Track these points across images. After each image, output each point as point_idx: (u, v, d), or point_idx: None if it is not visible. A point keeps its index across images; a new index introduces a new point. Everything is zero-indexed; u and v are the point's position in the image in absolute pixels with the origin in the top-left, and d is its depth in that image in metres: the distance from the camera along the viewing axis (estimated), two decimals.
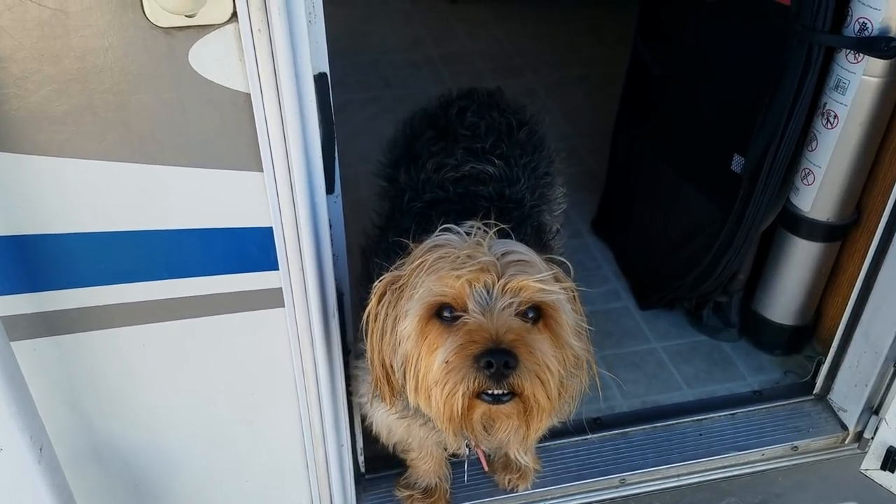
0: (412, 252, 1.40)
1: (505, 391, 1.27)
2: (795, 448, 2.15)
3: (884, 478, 2.07)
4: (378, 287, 1.41)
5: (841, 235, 2.22)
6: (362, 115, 3.47)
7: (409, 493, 1.97)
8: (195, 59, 1.19)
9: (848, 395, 2.18)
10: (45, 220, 1.29)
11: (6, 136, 1.20)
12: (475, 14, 4.35)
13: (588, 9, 4.29)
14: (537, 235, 1.76)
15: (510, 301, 1.29)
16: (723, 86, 2.19)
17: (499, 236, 1.39)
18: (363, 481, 2.03)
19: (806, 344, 2.46)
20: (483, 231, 1.37)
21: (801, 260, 2.26)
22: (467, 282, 1.28)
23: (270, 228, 1.38)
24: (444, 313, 1.31)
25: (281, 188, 1.33)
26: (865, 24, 1.85)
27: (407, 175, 1.84)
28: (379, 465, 2.04)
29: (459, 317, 1.29)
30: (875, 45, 1.84)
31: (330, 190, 1.42)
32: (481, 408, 1.31)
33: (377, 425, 1.74)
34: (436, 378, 1.28)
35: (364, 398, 1.67)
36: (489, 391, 1.27)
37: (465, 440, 1.52)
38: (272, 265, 1.43)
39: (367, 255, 1.82)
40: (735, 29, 2.12)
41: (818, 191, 2.11)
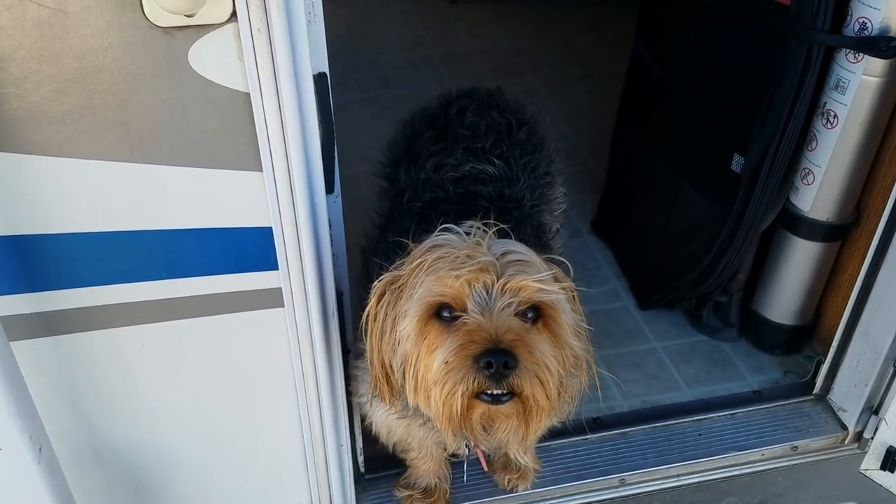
0: (411, 252, 1.40)
1: (504, 391, 1.27)
2: (795, 448, 2.15)
3: (883, 478, 2.07)
4: (377, 287, 1.41)
5: (841, 235, 2.22)
6: (362, 114, 3.47)
7: (408, 493, 1.97)
8: (194, 59, 1.20)
9: (848, 395, 2.18)
10: (45, 219, 1.29)
11: (5, 136, 1.20)
12: (475, 14, 4.35)
13: (588, 8, 4.29)
14: (537, 235, 1.76)
15: (509, 301, 1.28)
16: (723, 86, 2.19)
17: (498, 236, 1.39)
18: (363, 481, 2.03)
19: (806, 344, 2.46)
20: (482, 231, 1.37)
21: (800, 260, 2.26)
22: (466, 282, 1.28)
23: (270, 228, 1.38)
24: (444, 313, 1.31)
25: (280, 188, 1.33)
26: (865, 24, 1.85)
27: (407, 175, 1.84)
28: (378, 465, 2.04)
29: (459, 317, 1.29)
30: (875, 44, 1.84)
31: (329, 190, 1.42)
32: (481, 408, 1.31)
33: (377, 425, 1.74)
34: (435, 378, 1.28)
35: (364, 398, 1.67)
36: (488, 391, 1.27)
37: (465, 440, 1.52)
38: (271, 265, 1.42)
39: (366, 255, 1.82)
40: (735, 29, 2.12)
41: (818, 190, 2.11)
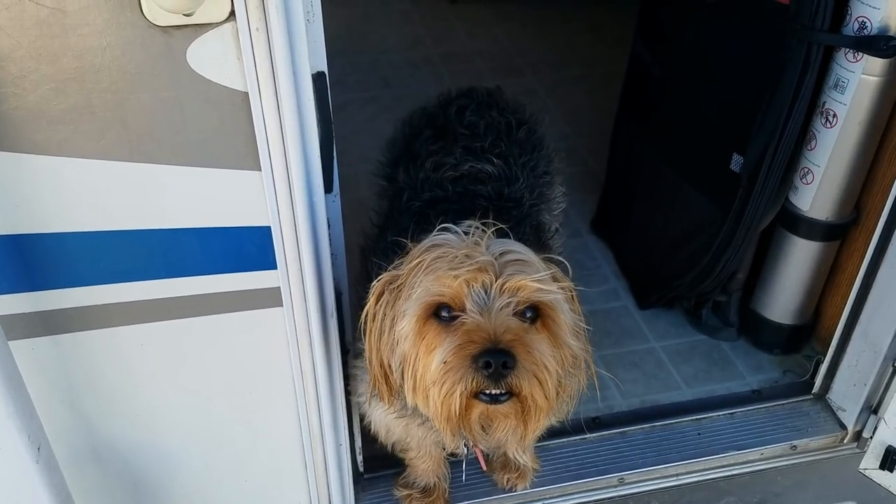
0: (410, 251, 1.40)
1: (503, 391, 1.27)
2: (794, 447, 2.15)
3: (882, 477, 2.07)
4: (376, 286, 1.40)
5: (840, 234, 2.22)
6: (362, 114, 3.47)
7: (407, 492, 1.97)
8: (193, 58, 1.19)
9: (847, 395, 2.18)
10: (44, 219, 1.29)
11: (4, 136, 1.20)
12: (475, 14, 4.35)
13: (588, 8, 4.29)
14: (536, 235, 1.75)
15: (508, 301, 1.28)
16: (722, 85, 2.19)
17: (497, 235, 1.39)
18: (362, 480, 2.03)
19: (805, 343, 2.46)
20: (481, 230, 1.37)
21: (800, 259, 2.26)
22: (465, 281, 1.28)
23: (269, 228, 1.38)
24: (442, 313, 1.31)
25: (279, 187, 1.33)
26: (864, 23, 1.85)
27: (406, 174, 1.84)
28: (377, 465, 2.04)
29: (457, 317, 1.29)
30: (874, 43, 1.84)
31: (328, 189, 1.42)
32: (479, 408, 1.31)
33: (375, 425, 1.74)
34: (434, 378, 1.28)
35: (362, 397, 1.67)
36: (487, 391, 1.27)
37: (464, 440, 1.52)
38: (270, 264, 1.42)
39: (365, 255, 1.82)
40: (734, 29, 2.12)
41: (817, 190, 2.11)
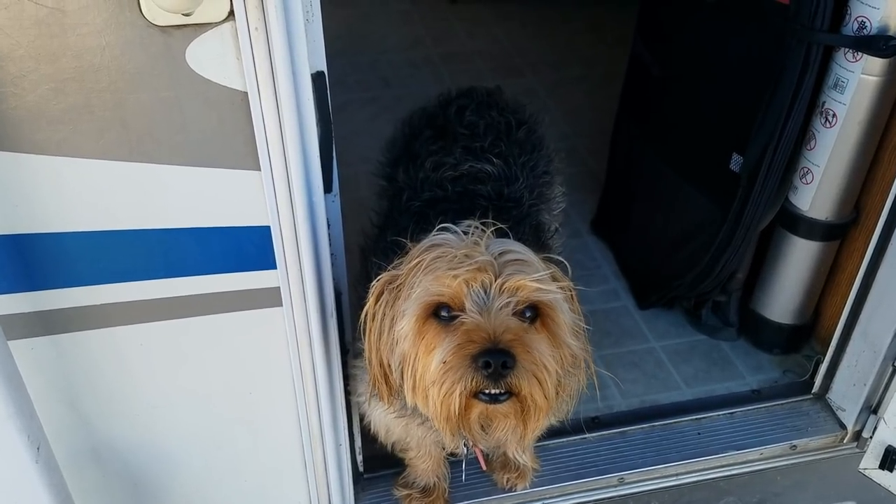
0: (410, 251, 1.40)
1: (502, 391, 1.27)
2: (794, 447, 2.15)
3: (882, 477, 2.07)
4: (376, 286, 1.40)
5: (840, 234, 2.22)
6: (362, 114, 3.47)
7: (407, 492, 1.97)
8: (192, 58, 1.20)
9: (846, 395, 2.17)
10: (43, 218, 1.29)
11: (4, 135, 1.20)
12: (475, 14, 4.35)
13: (588, 8, 4.29)
14: (535, 234, 1.75)
15: (507, 300, 1.28)
16: (722, 85, 2.19)
17: (497, 235, 1.39)
18: (361, 480, 2.03)
19: (804, 343, 2.46)
20: (481, 230, 1.37)
21: (799, 259, 2.26)
22: (464, 281, 1.28)
23: (268, 227, 1.38)
24: (442, 313, 1.31)
25: (279, 187, 1.33)
26: (864, 23, 1.85)
27: (406, 174, 1.84)
28: (377, 465, 2.04)
29: (457, 316, 1.29)
30: (874, 43, 1.84)
31: (328, 189, 1.42)
32: (479, 407, 1.31)
33: (375, 424, 1.74)
34: (433, 378, 1.28)
35: (362, 397, 1.67)
36: (486, 391, 1.27)
37: (463, 439, 1.52)
38: (270, 264, 1.42)
39: (365, 255, 1.82)
40: (734, 29, 2.12)
41: (817, 190, 2.11)
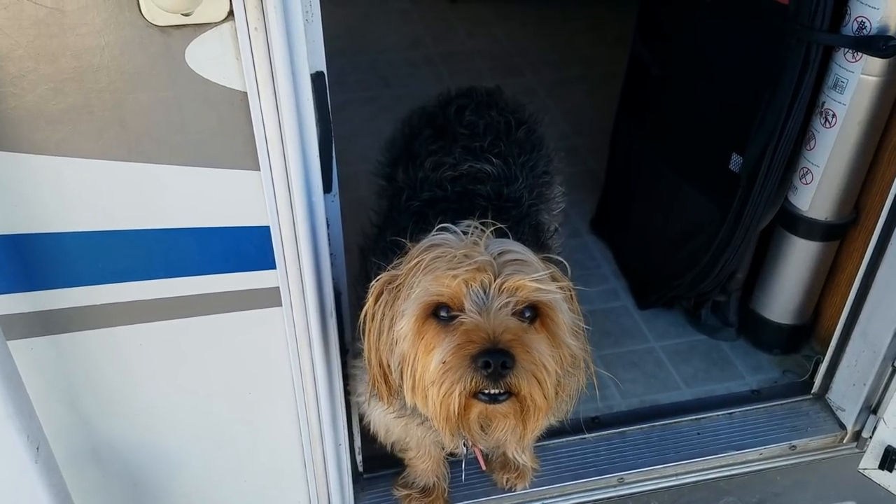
0: (409, 251, 1.39)
1: (502, 391, 1.27)
2: (794, 447, 2.15)
3: (882, 477, 2.07)
4: (375, 286, 1.40)
5: (839, 234, 2.22)
6: (361, 114, 3.47)
7: (407, 492, 1.97)
8: (192, 58, 1.19)
9: (846, 395, 2.17)
10: (43, 218, 1.29)
11: (3, 135, 1.20)
12: (475, 13, 4.35)
13: (588, 8, 4.28)
14: (535, 234, 1.75)
15: (507, 300, 1.28)
16: (721, 85, 2.19)
17: (496, 235, 1.39)
18: (361, 480, 2.03)
19: (804, 343, 2.46)
20: (480, 230, 1.37)
21: (799, 259, 2.26)
22: (464, 281, 1.28)
23: (268, 227, 1.38)
24: (441, 313, 1.31)
25: (278, 187, 1.33)
26: (864, 23, 1.85)
27: (405, 174, 1.84)
28: (377, 465, 2.04)
29: (456, 316, 1.29)
30: (873, 43, 1.84)
31: (327, 189, 1.42)
32: (478, 407, 1.31)
33: (375, 424, 1.74)
34: (433, 378, 1.28)
35: (362, 397, 1.67)
36: (486, 391, 1.27)
37: (463, 439, 1.52)
38: (269, 264, 1.42)
39: (365, 254, 1.82)
40: (733, 28, 2.12)
41: (816, 190, 2.11)
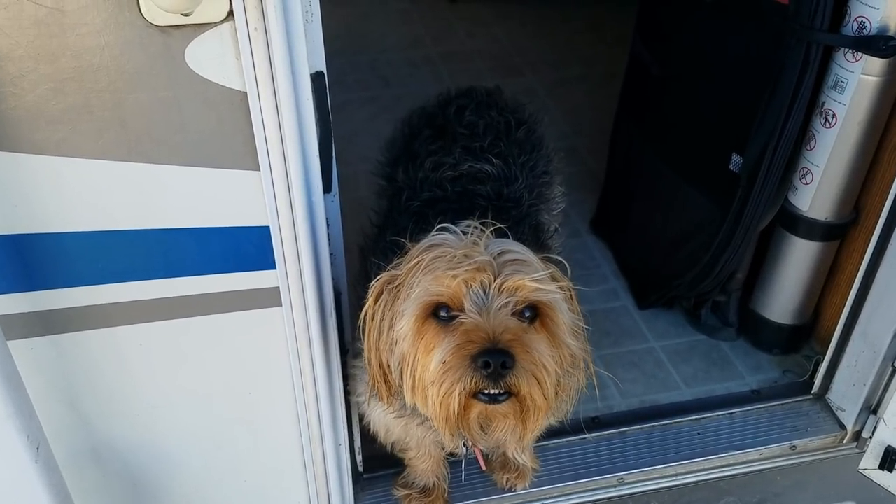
0: (409, 251, 1.39)
1: (501, 391, 1.27)
2: (794, 447, 2.15)
3: (882, 477, 2.07)
4: (375, 286, 1.40)
5: (839, 234, 2.22)
6: (361, 114, 3.47)
7: (407, 492, 1.97)
8: (191, 58, 1.19)
9: (846, 395, 2.17)
10: (42, 218, 1.29)
11: (3, 135, 1.20)
12: (474, 13, 4.35)
13: (588, 8, 4.29)
14: (535, 234, 1.75)
15: (506, 301, 1.28)
16: (721, 85, 2.19)
17: (496, 235, 1.39)
18: (361, 480, 2.03)
19: (804, 343, 2.46)
20: (480, 230, 1.37)
21: (799, 259, 2.26)
22: (463, 281, 1.28)
23: (267, 227, 1.38)
24: (441, 313, 1.31)
25: (278, 187, 1.33)
26: (864, 23, 1.85)
27: (405, 174, 1.84)
28: (377, 465, 2.04)
29: (456, 316, 1.29)
30: (873, 43, 1.84)
31: (327, 189, 1.42)
32: (478, 407, 1.31)
33: (375, 424, 1.74)
34: (432, 378, 1.28)
35: (362, 397, 1.67)
36: (486, 391, 1.27)
37: (463, 439, 1.52)
38: (269, 264, 1.42)
39: (364, 254, 1.82)
40: (733, 28, 2.12)
41: (816, 190, 2.11)
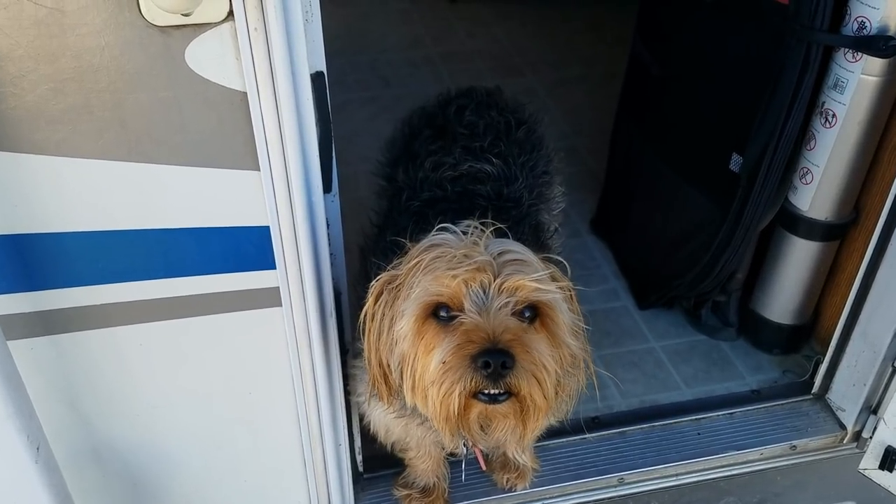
0: (409, 251, 1.39)
1: (501, 391, 1.27)
2: (794, 447, 2.15)
3: (882, 477, 2.07)
4: (375, 286, 1.40)
5: (839, 234, 2.22)
6: (361, 114, 3.47)
7: (407, 492, 1.97)
8: (192, 58, 1.20)
9: (846, 395, 2.17)
10: (42, 218, 1.29)
11: (3, 135, 1.20)
12: (475, 13, 4.35)
13: (588, 8, 4.29)
14: (535, 234, 1.75)
15: (506, 300, 1.28)
16: (721, 85, 2.19)
17: (496, 235, 1.39)
18: (361, 480, 2.03)
19: (804, 343, 2.46)
20: (480, 230, 1.37)
21: (799, 259, 2.26)
22: (463, 281, 1.28)
23: (268, 227, 1.38)
24: (441, 313, 1.31)
25: (278, 187, 1.33)
26: (864, 23, 1.85)
27: (405, 174, 1.84)
28: (377, 465, 2.04)
29: (456, 316, 1.29)
30: (873, 43, 1.84)
31: (327, 189, 1.42)
32: (478, 407, 1.31)
33: (375, 424, 1.74)
34: (432, 378, 1.28)
35: (362, 397, 1.67)
36: (486, 391, 1.27)
37: (463, 439, 1.52)
38: (269, 264, 1.42)
39: (364, 254, 1.82)
40: (733, 28, 2.12)
41: (816, 190, 2.11)
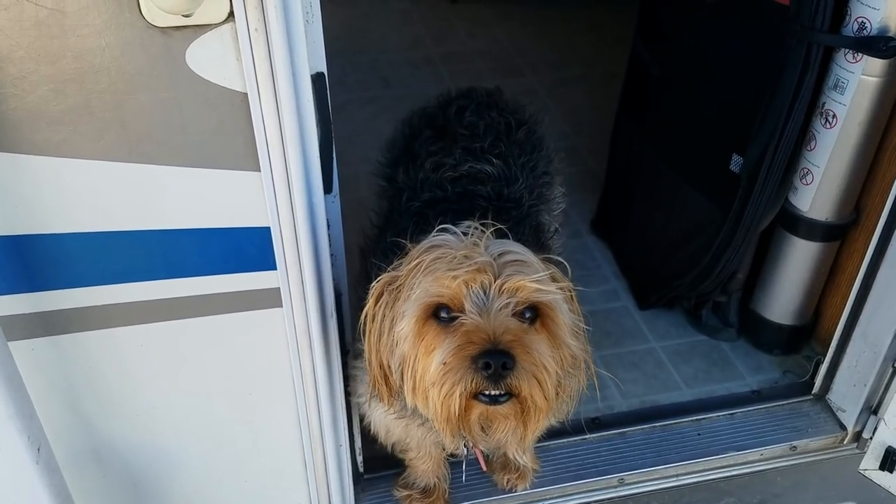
0: (409, 252, 1.39)
1: (502, 392, 1.27)
2: (794, 448, 2.15)
3: (882, 478, 2.07)
4: (375, 287, 1.40)
5: (840, 235, 2.22)
6: (362, 114, 3.47)
7: (407, 492, 1.97)
8: (192, 59, 1.20)
9: (847, 395, 2.17)
10: (43, 219, 1.29)
11: (3, 136, 1.20)
12: (475, 13, 4.35)
13: (588, 8, 4.29)
14: (535, 235, 1.75)
15: (507, 301, 1.28)
16: (722, 85, 2.19)
17: (496, 236, 1.39)
18: (362, 481, 2.03)
19: (805, 344, 2.46)
20: (480, 231, 1.37)
21: (799, 260, 2.26)
22: (464, 282, 1.28)
23: (268, 228, 1.38)
24: (441, 314, 1.31)
25: (278, 188, 1.33)
26: (864, 24, 1.85)
27: (405, 174, 1.84)
28: (377, 465, 2.04)
29: (456, 317, 1.29)
30: (874, 44, 1.84)
31: (328, 189, 1.42)
32: (478, 408, 1.31)
33: (375, 425, 1.74)
34: (433, 379, 1.28)
35: (362, 398, 1.67)
36: (486, 392, 1.27)
37: (463, 440, 1.52)
38: (270, 265, 1.42)
39: (365, 255, 1.82)
40: (734, 29, 2.12)
41: (817, 190, 2.11)
